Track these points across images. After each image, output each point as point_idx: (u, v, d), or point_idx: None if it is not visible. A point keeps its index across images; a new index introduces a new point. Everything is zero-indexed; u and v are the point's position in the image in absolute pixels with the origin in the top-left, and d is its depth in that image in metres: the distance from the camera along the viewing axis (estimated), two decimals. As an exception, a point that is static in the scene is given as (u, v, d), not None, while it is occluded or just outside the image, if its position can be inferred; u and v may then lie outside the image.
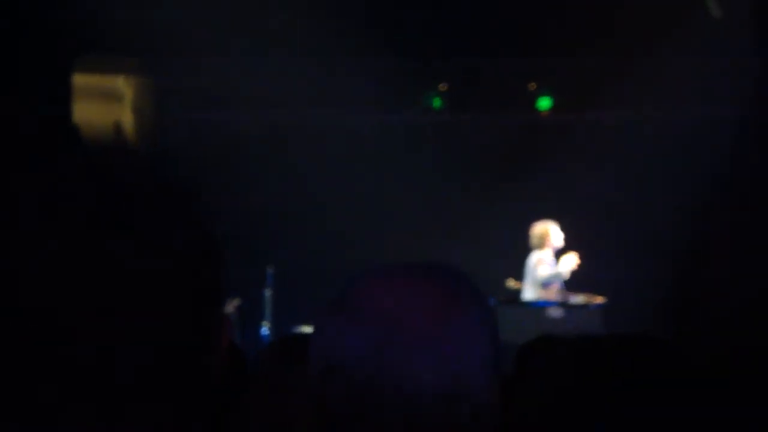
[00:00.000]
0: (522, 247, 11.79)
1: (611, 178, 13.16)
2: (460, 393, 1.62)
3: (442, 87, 14.06)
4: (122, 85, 13.37)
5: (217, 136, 13.83)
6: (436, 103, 14.16)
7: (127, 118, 13.17)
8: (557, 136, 13.85)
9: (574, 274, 12.04)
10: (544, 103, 14.01)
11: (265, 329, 12.07)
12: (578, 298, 11.93)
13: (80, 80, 12.26)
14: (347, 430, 1.64)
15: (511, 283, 11.90)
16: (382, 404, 1.62)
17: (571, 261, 11.65)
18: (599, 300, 11.98)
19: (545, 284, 11.36)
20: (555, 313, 11.31)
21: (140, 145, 13.08)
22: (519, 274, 11.94)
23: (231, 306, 10.95)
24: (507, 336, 3.48)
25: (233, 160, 13.45)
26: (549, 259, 11.58)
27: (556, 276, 11.47)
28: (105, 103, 12.96)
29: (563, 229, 12.12)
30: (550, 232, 11.73)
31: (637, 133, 13.54)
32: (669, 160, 13.05)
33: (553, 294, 11.44)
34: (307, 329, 12.15)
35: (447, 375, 1.62)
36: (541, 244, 11.68)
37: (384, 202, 13.60)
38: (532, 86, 13.91)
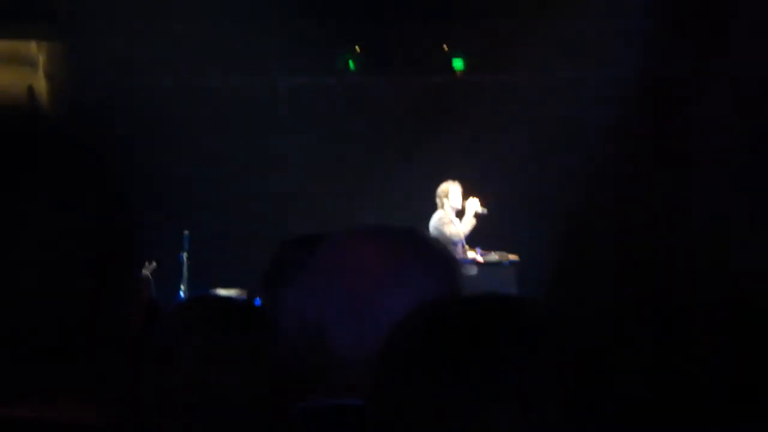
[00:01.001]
0: (434, 209, 11.81)
1: (522, 139, 13.25)
2: None
3: (357, 49, 14.07)
4: (35, 49, 13.21)
5: (133, 99, 13.67)
6: (351, 65, 14.17)
7: (40, 83, 13.03)
8: (469, 98, 13.92)
9: (487, 232, 12.13)
10: (458, 64, 14.07)
11: (181, 292, 12.05)
12: (492, 256, 12.02)
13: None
14: (309, 386, 1.67)
15: None
16: (344, 360, 1.66)
17: (474, 204, 11.63)
18: (513, 257, 12.10)
19: (454, 243, 11.38)
20: (470, 270, 11.38)
21: (53, 110, 12.93)
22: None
23: (148, 269, 10.91)
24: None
25: (150, 124, 13.32)
26: (451, 218, 11.55)
27: (462, 233, 11.46)
28: (17, 67, 12.80)
29: (474, 188, 12.18)
30: (449, 191, 11.66)
31: (546, 94, 13.65)
32: (576, 120, 13.18)
33: (461, 252, 11.45)
34: (222, 292, 12.16)
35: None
36: (441, 204, 11.64)
37: (299, 165, 13.57)
38: (446, 48, 13.96)
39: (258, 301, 3.24)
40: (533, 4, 12.40)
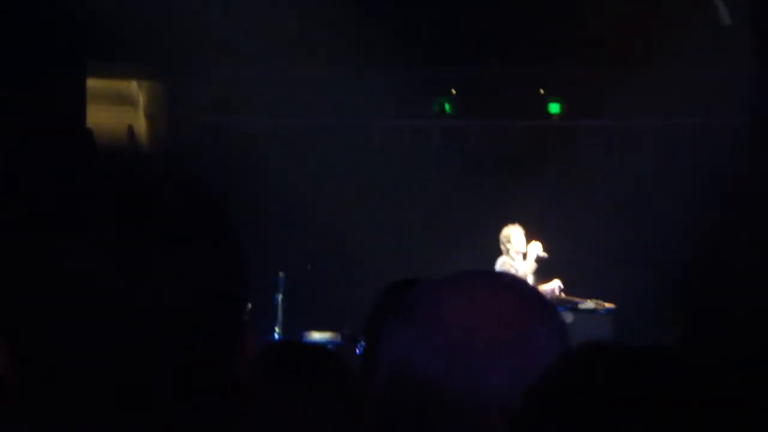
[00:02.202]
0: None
1: (617, 183, 13.16)
2: None
3: (453, 92, 14.12)
4: (135, 89, 13.41)
5: (229, 140, 13.84)
6: (447, 108, 14.21)
7: (140, 123, 13.22)
8: (564, 142, 13.87)
9: (582, 278, 12.04)
10: (554, 108, 14.04)
11: (275, 335, 12.08)
12: (588, 303, 11.92)
13: (94, 85, 12.29)
14: None
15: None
16: (454, 416, 1.60)
17: (536, 248, 11.46)
18: (609, 305, 11.97)
19: None
20: (566, 318, 11.28)
21: (153, 149, 13.11)
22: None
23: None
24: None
25: (245, 165, 13.45)
26: (513, 263, 11.39)
27: (524, 275, 11.27)
28: (118, 107, 13.01)
29: (566, 234, 12.11)
30: (511, 235, 11.53)
31: (642, 140, 13.56)
32: (672, 167, 13.07)
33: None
34: (316, 335, 12.18)
35: (525, 384, 1.53)
36: (506, 249, 11.52)
37: (395, 208, 13.58)
38: (542, 92, 13.95)
39: (360, 348, 3.20)
40: (630, 50, 12.31)
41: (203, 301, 1.16)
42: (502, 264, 11.28)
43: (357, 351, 3.25)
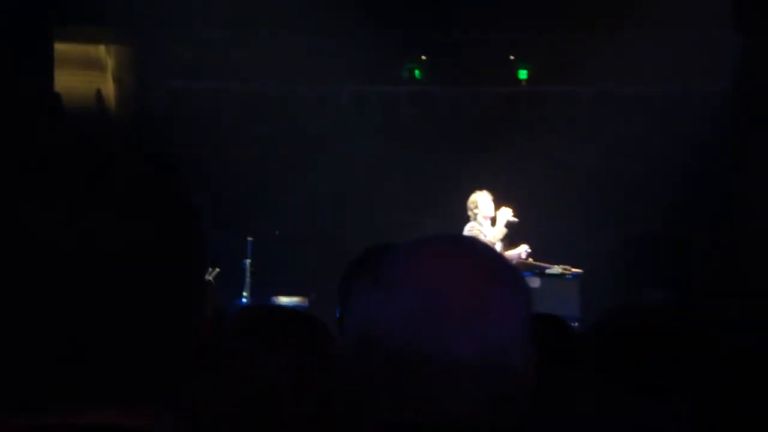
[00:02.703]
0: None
1: (586, 149, 13.19)
2: (500, 364, 1.63)
3: (423, 58, 14.10)
4: (104, 54, 13.33)
5: (198, 105, 13.79)
6: (417, 74, 14.20)
7: (108, 87, 13.15)
8: (534, 108, 13.89)
9: (550, 243, 12.08)
10: (523, 74, 14.04)
11: (243, 299, 12.10)
12: (555, 269, 11.97)
13: (62, 48, 12.22)
14: (383, 402, 1.64)
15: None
16: (421, 376, 1.62)
17: (506, 213, 11.43)
18: (576, 270, 12.03)
19: None
20: (533, 283, 11.32)
21: (121, 113, 13.06)
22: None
23: (211, 275, 10.96)
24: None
25: (213, 130, 13.42)
26: (481, 228, 11.37)
27: (494, 241, 11.23)
28: (87, 71, 12.93)
29: (534, 198, 12.14)
30: (479, 201, 11.50)
31: (613, 106, 13.58)
32: (641, 133, 13.11)
33: None
34: (284, 300, 12.19)
35: (487, 347, 1.62)
36: (474, 215, 11.51)
37: (364, 173, 13.58)
38: (512, 58, 13.95)
39: (337, 312, 3.21)
40: (603, 15, 12.30)
41: (156, 262, 1.18)
42: (470, 229, 11.27)
43: (336, 314, 3.26)
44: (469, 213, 11.50)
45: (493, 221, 11.50)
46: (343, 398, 1.87)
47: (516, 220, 11.42)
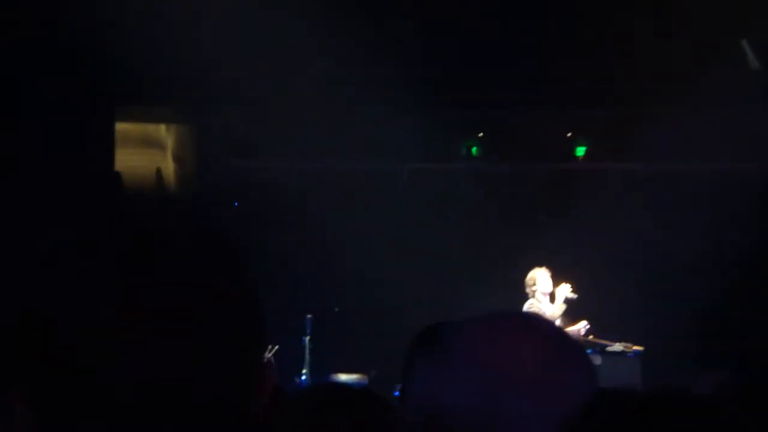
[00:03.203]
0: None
1: (644, 225, 13.14)
2: None
3: (480, 135, 14.14)
4: (164, 133, 13.48)
5: (257, 183, 13.88)
6: (474, 150, 14.23)
7: (168, 166, 13.27)
8: (591, 185, 13.84)
9: (610, 320, 11.98)
10: (580, 150, 14.04)
11: (303, 376, 12.07)
12: (616, 346, 11.85)
13: (122, 128, 12.37)
14: None
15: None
16: None
17: (565, 290, 11.37)
18: (637, 348, 11.90)
19: None
20: (594, 360, 11.21)
21: (181, 192, 13.15)
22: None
23: (270, 353, 10.95)
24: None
25: (273, 208, 13.49)
26: (540, 306, 11.31)
27: (554, 317, 11.15)
28: (147, 150, 13.06)
29: (593, 275, 12.06)
30: (537, 278, 11.46)
31: (669, 184, 13.54)
32: (699, 211, 13.02)
33: None
34: (344, 377, 12.15)
35: (555, 427, 1.56)
36: (532, 293, 11.45)
37: (423, 251, 13.58)
38: (569, 135, 13.96)
39: (397, 392, 3.19)
40: (659, 93, 12.29)
41: (214, 340, 1.17)
42: (529, 306, 11.24)
43: (395, 393, 3.24)
44: (528, 290, 11.47)
45: (552, 297, 11.44)
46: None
47: (575, 296, 11.36)
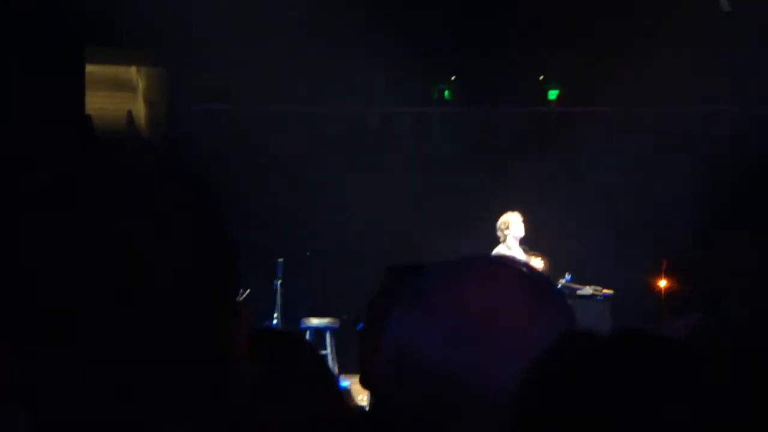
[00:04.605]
0: (526, 236, 11.72)
1: (617, 169, 13.18)
2: None
3: (452, 79, 14.13)
4: (135, 75, 13.40)
5: (227, 127, 13.84)
6: (446, 94, 14.22)
7: (139, 109, 13.21)
8: (563, 129, 13.87)
9: (580, 263, 12.05)
10: (553, 94, 14.05)
11: (275, 321, 12.10)
12: (586, 290, 11.92)
13: (93, 70, 12.28)
14: (421, 427, 1.59)
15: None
16: (460, 401, 1.57)
17: (536, 264, 11.41)
18: (607, 291, 11.98)
19: None
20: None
21: (152, 135, 13.10)
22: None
23: (241, 296, 10.95)
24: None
25: (243, 151, 13.46)
26: (509, 252, 11.33)
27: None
28: (117, 93, 12.99)
29: (565, 217, 12.11)
30: (510, 222, 11.47)
31: (641, 127, 13.58)
32: (671, 153, 13.07)
33: None
34: (315, 321, 12.20)
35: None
36: (504, 237, 11.48)
37: (394, 194, 13.59)
38: (541, 79, 13.97)
39: (359, 325, 3.18)
40: (630, 37, 12.29)
41: (187, 283, 1.17)
42: (498, 251, 11.27)
43: (357, 328, 3.24)
44: (499, 234, 11.49)
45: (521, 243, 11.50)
46: (379, 423, 1.83)
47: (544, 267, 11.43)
